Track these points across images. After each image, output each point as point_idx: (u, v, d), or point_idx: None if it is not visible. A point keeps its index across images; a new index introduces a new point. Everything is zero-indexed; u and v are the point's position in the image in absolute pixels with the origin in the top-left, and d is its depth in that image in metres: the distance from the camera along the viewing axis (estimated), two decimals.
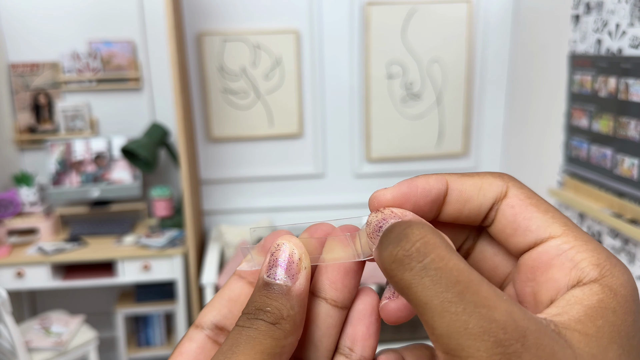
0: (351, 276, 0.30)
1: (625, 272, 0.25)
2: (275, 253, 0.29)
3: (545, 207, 0.27)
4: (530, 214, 0.27)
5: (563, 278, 0.25)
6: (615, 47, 2.00)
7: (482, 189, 0.28)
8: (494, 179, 0.28)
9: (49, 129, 2.81)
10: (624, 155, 1.96)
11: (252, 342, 0.26)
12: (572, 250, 0.25)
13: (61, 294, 2.98)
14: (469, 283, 0.22)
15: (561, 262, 0.25)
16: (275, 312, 0.27)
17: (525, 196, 0.27)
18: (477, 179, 0.29)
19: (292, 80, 2.82)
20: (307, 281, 0.29)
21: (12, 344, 2.14)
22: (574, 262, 0.25)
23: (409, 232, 0.24)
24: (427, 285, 0.22)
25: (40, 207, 2.73)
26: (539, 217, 0.27)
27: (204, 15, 2.73)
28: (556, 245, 0.26)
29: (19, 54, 2.72)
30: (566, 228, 0.26)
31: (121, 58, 2.77)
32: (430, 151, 2.97)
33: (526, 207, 0.27)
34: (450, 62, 2.86)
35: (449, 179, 0.29)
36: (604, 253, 0.25)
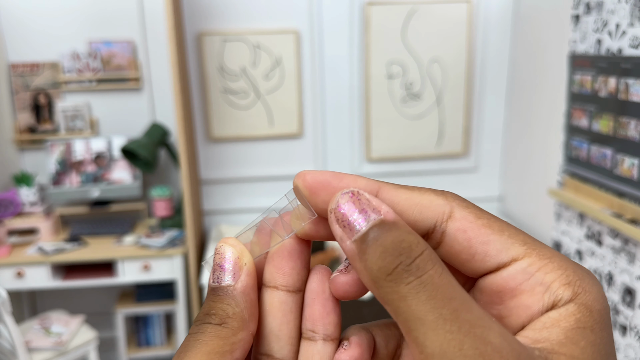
0: (296, 257, 0.29)
1: (594, 284, 0.24)
2: (216, 258, 0.29)
3: (499, 227, 0.25)
4: (485, 238, 0.25)
5: (536, 303, 0.24)
6: (615, 47, 2.00)
7: (420, 205, 0.26)
8: (435, 197, 0.26)
9: (49, 129, 2.81)
10: (624, 155, 1.96)
11: (200, 345, 0.26)
12: (540, 272, 0.24)
13: (61, 294, 2.98)
14: (463, 301, 0.22)
15: (531, 287, 0.24)
16: (220, 313, 0.27)
17: (475, 217, 0.25)
18: (415, 194, 0.26)
19: (292, 80, 2.82)
20: (249, 276, 0.29)
21: (12, 344, 2.14)
22: (545, 285, 0.24)
23: (409, 247, 0.23)
24: (423, 300, 0.22)
25: (40, 207, 2.73)
26: (496, 239, 0.25)
27: (204, 15, 2.73)
28: (522, 269, 0.24)
29: (19, 54, 2.72)
30: (527, 247, 0.25)
31: (121, 58, 2.77)
32: (430, 151, 2.97)
33: (479, 229, 0.25)
34: (450, 62, 2.86)
35: (382, 186, 0.27)
36: (571, 267, 0.24)
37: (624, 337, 2.02)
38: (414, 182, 3.04)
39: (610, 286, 2.09)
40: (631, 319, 1.98)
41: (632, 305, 1.97)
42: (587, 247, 2.24)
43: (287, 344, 0.29)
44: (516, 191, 2.93)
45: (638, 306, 1.94)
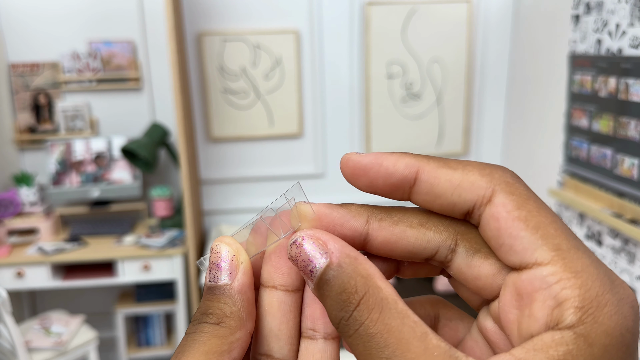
0: None
1: (616, 314, 0.21)
2: (212, 257, 0.29)
3: (536, 222, 0.23)
4: (516, 231, 0.23)
5: (544, 317, 0.22)
6: (615, 47, 2.00)
7: (460, 187, 0.25)
8: (480, 177, 0.25)
9: (49, 129, 2.81)
10: (624, 155, 1.96)
11: (197, 344, 0.26)
12: (558, 285, 0.22)
13: (61, 294, 2.98)
14: (399, 344, 0.22)
15: (544, 298, 0.22)
16: (218, 312, 0.27)
17: (514, 206, 0.24)
18: (458, 172, 0.25)
19: (292, 80, 2.82)
20: (246, 275, 0.29)
21: (12, 344, 2.14)
22: (558, 300, 0.22)
23: (347, 299, 0.24)
24: (361, 350, 0.23)
25: (40, 207, 2.73)
26: (526, 236, 0.23)
27: (204, 15, 2.73)
28: (542, 277, 0.22)
29: (19, 54, 2.72)
30: (556, 254, 0.22)
31: (121, 58, 2.77)
32: (431, 151, 2.97)
33: (512, 221, 0.23)
34: (451, 62, 2.86)
35: (423, 166, 0.26)
36: (596, 289, 0.22)
37: None
38: None
39: None
40: None
41: None
42: None
43: (287, 343, 0.29)
44: None
45: None
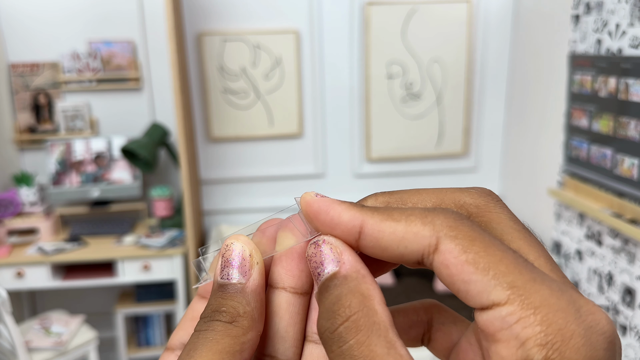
0: (305, 260, 0.29)
1: (584, 346, 0.21)
2: (226, 254, 0.29)
3: (485, 264, 0.23)
4: (467, 276, 0.23)
5: (510, 357, 0.22)
6: (615, 47, 2.00)
7: (404, 239, 0.24)
8: (422, 226, 0.24)
9: (49, 129, 2.81)
10: (623, 155, 1.96)
11: (210, 343, 0.26)
12: (518, 325, 0.21)
13: (61, 294, 2.99)
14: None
15: (507, 339, 0.22)
16: (231, 310, 0.27)
17: (460, 250, 0.23)
18: (401, 225, 0.25)
19: (292, 80, 2.82)
20: (261, 276, 0.28)
21: (12, 344, 2.14)
22: (520, 340, 0.21)
23: (337, 312, 0.24)
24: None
25: (40, 207, 2.73)
26: (478, 279, 0.23)
27: (204, 15, 2.73)
28: (500, 317, 0.22)
29: (19, 54, 2.72)
30: (512, 291, 0.22)
31: (121, 58, 2.77)
32: (430, 151, 2.97)
33: (462, 266, 0.23)
34: (450, 62, 2.86)
35: (366, 220, 0.25)
36: (558, 323, 0.21)
37: (624, 337, 2.02)
38: (414, 182, 3.04)
39: (610, 286, 2.09)
40: (631, 319, 1.98)
41: (632, 305, 1.97)
42: (587, 247, 2.24)
43: (292, 345, 0.29)
44: (516, 191, 2.93)
45: (638, 306, 1.94)
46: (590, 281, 2.23)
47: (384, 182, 3.02)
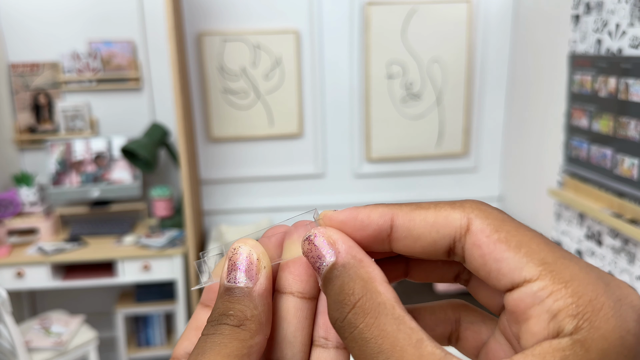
0: None
1: (613, 317, 0.21)
2: (233, 257, 0.28)
3: (517, 242, 0.24)
4: (500, 254, 0.24)
5: (541, 332, 0.22)
6: (615, 47, 2.00)
7: (436, 224, 0.25)
8: (452, 210, 0.25)
9: (49, 129, 2.81)
10: (623, 155, 1.96)
11: (218, 346, 0.26)
12: (550, 298, 0.22)
13: (61, 294, 2.99)
14: (392, 350, 0.23)
15: (538, 314, 0.22)
16: (239, 314, 0.27)
17: (492, 230, 0.24)
18: (431, 212, 0.26)
19: (292, 80, 2.82)
20: (268, 280, 0.28)
21: (12, 344, 2.14)
22: (552, 313, 0.22)
23: (344, 300, 0.24)
24: (357, 353, 0.24)
25: (40, 207, 2.73)
26: (510, 257, 0.23)
27: (204, 15, 2.73)
28: (532, 293, 0.23)
29: (19, 54, 2.73)
30: (543, 268, 0.23)
31: (121, 58, 2.77)
32: (430, 151, 2.97)
33: (494, 245, 0.24)
34: (450, 62, 2.86)
35: (396, 213, 0.26)
36: (588, 295, 0.22)
37: None
38: (414, 182, 3.04)
39: None
40: None
41: None
42: (587, 247, 2.24)
43: (300, 350, 0.29)
44: (516, 191, 2.93)
45: None
46: None
47: (384, 182, 3.02)
